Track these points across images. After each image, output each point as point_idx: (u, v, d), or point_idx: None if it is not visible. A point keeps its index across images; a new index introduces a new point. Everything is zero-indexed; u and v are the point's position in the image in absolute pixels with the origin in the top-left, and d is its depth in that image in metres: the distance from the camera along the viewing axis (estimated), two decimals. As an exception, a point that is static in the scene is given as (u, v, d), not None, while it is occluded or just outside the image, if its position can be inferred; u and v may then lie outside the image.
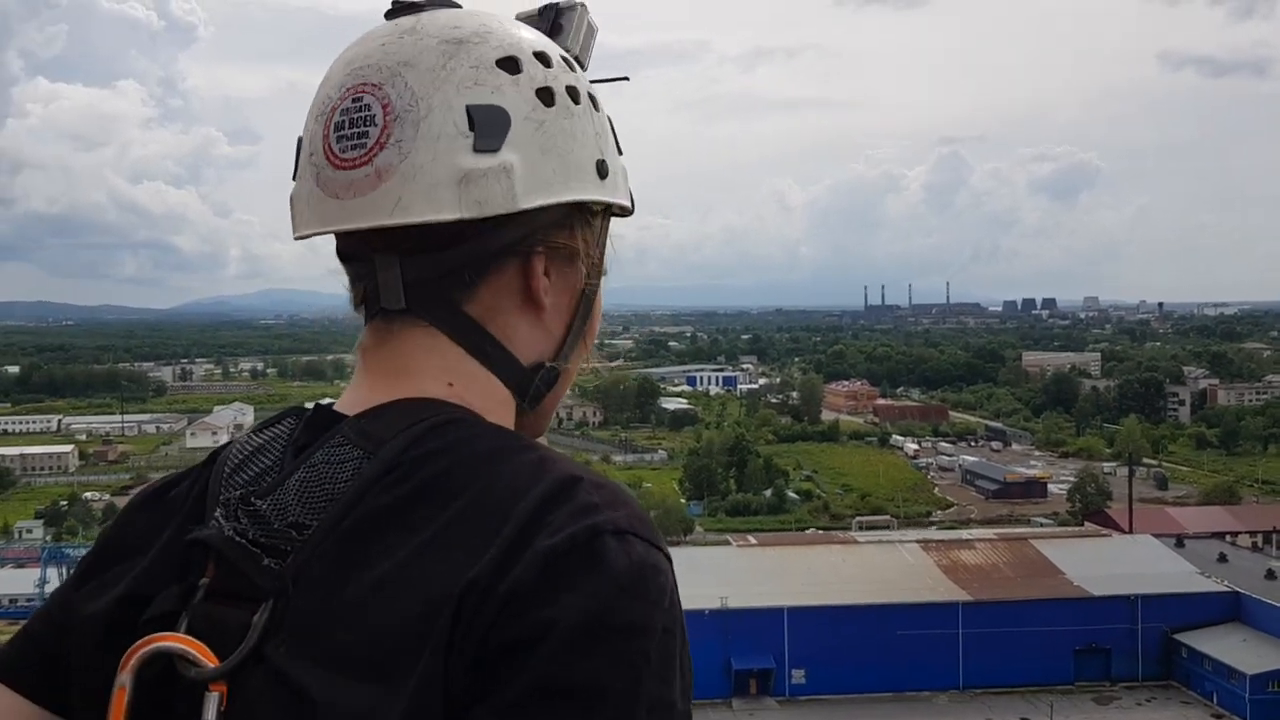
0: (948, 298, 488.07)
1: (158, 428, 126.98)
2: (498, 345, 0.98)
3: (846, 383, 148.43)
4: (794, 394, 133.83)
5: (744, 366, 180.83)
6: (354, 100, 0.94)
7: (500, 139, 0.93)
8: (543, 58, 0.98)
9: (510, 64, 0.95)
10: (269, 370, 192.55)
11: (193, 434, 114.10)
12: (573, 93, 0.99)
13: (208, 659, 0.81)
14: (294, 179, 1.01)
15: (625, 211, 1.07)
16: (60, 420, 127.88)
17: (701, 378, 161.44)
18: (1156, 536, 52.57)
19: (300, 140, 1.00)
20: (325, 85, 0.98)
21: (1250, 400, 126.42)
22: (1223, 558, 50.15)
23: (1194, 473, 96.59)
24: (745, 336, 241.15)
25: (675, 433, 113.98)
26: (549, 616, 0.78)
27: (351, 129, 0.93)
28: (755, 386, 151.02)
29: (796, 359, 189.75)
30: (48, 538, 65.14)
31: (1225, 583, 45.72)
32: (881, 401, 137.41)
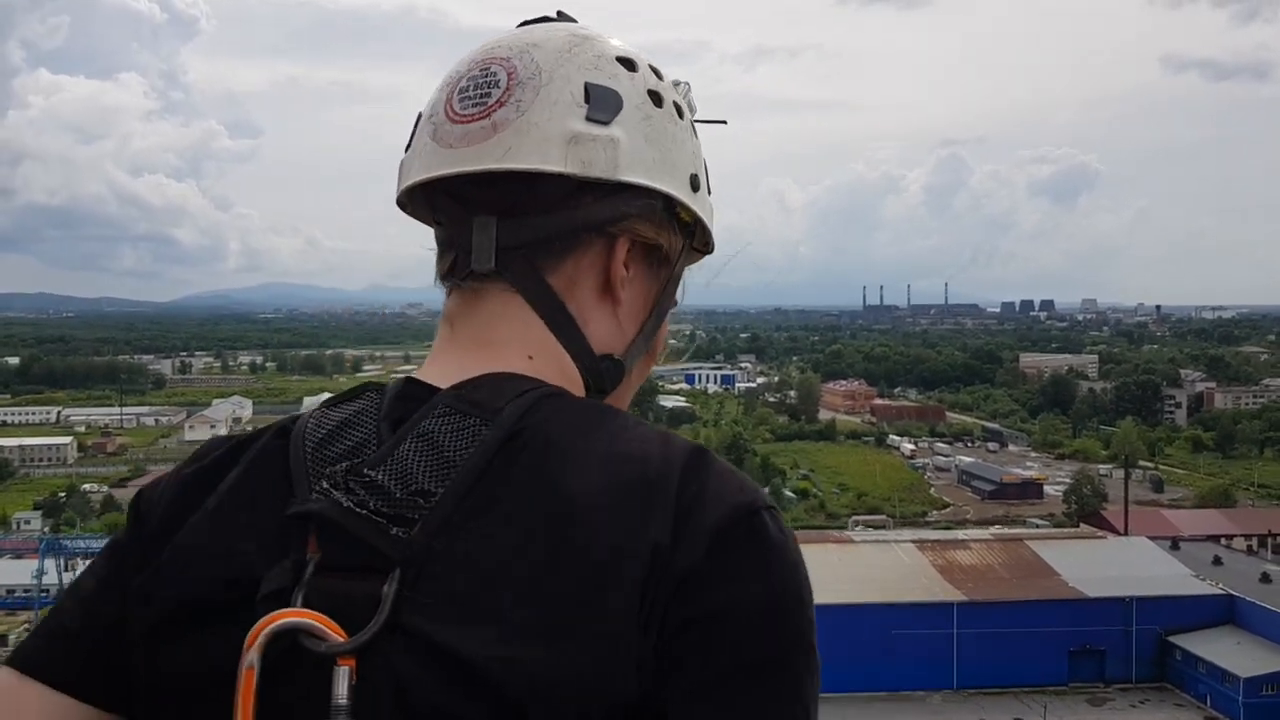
0: (946, 299, 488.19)
1: (156, 420, 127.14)
2: (573, 323, 1.00)
3: (844, 382, 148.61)
4: (792, 393, 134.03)
5: (742, 365, 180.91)
6: (481, 70, 1.01)
7: (611, 116, 0.99)
8: (656, 71, 1.06)
9: (627, 63, 1.03)
10: (268, 364, 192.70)
11: (191, 427, 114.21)
12: (678, 108, 1.07)
13: (335, 633, 0.79)
14: (406, 150, 1.06)
15: (707, 247, 1.13)
16: (59, 412, 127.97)
17: (700, 376, 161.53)
18: (1152, 539, 52.70)
19: (419, 115, 1.06)
20: (455, 66, 1.05)
21: (1247, 404, 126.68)
22: (1218, 561, 50.33)
23: (1190, 475, 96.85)
24: (744, 335, 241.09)
25: (673, 430, 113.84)
26: (732, 595, 0.82)
27: (475, 90, 1.00)
28: (753, 385, 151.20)
29: (794, 358, 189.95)
30: (45, 529, 65.18)
31: (1220, 586, 45.81)
32: (879, 401, 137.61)
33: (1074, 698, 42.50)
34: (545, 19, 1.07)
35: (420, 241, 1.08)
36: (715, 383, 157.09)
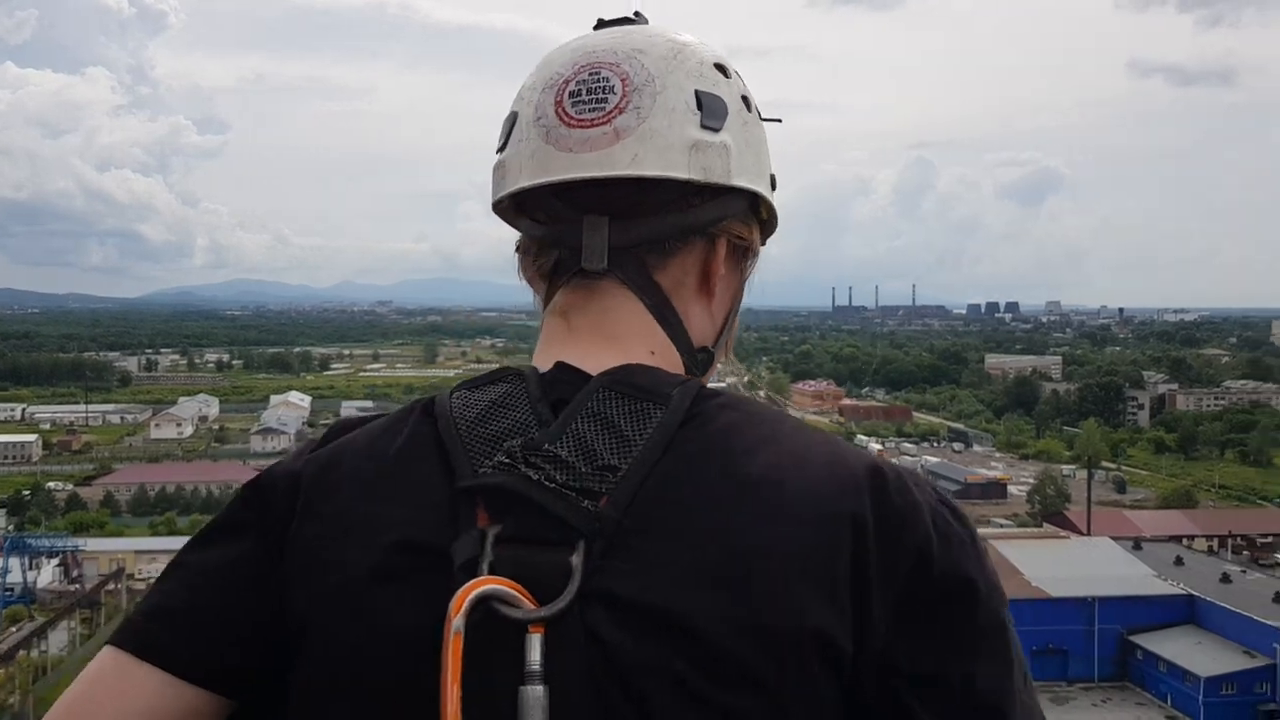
0: (914, 300, 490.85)
1: (122, 418, 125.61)
2: (680, 320, 1.05)
3: (813, 382, 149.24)
4: (761, 393, 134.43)
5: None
6: (591, 74, 1.03)
7: (721, 122, 1.04)
8: (741, 78, 1.11)
9: (722, 69, 1.07)
10: (235, 362, 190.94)
11: (157, 425, 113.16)
12: (759, 113, 1.12)
13: (529, 601, 0.82)
14: (500, 151, 1.09)
15: (769, 231, 1.17)
16: (24, 409, 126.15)
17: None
18: (1114, 539, 53.29)
19: (513, 116, 1.08)
20: (548, 66, 1.07)
21: (1209, 406, 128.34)
22: (1179, 561, 50.81)
23: (1152, 477, 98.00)
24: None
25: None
26: (970, 575, 0.90)
27: (590, 95, 1.02)
28: (723, 385, 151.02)
29: (765, 358, 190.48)
30: (10, 527, 64.21)
31: (1181, 586, 46.24)
32: (847, 401, 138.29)
33: (1037, 696, 42.87)
34: (626, 20, 1.11)
35: (389, 238, 1.24)
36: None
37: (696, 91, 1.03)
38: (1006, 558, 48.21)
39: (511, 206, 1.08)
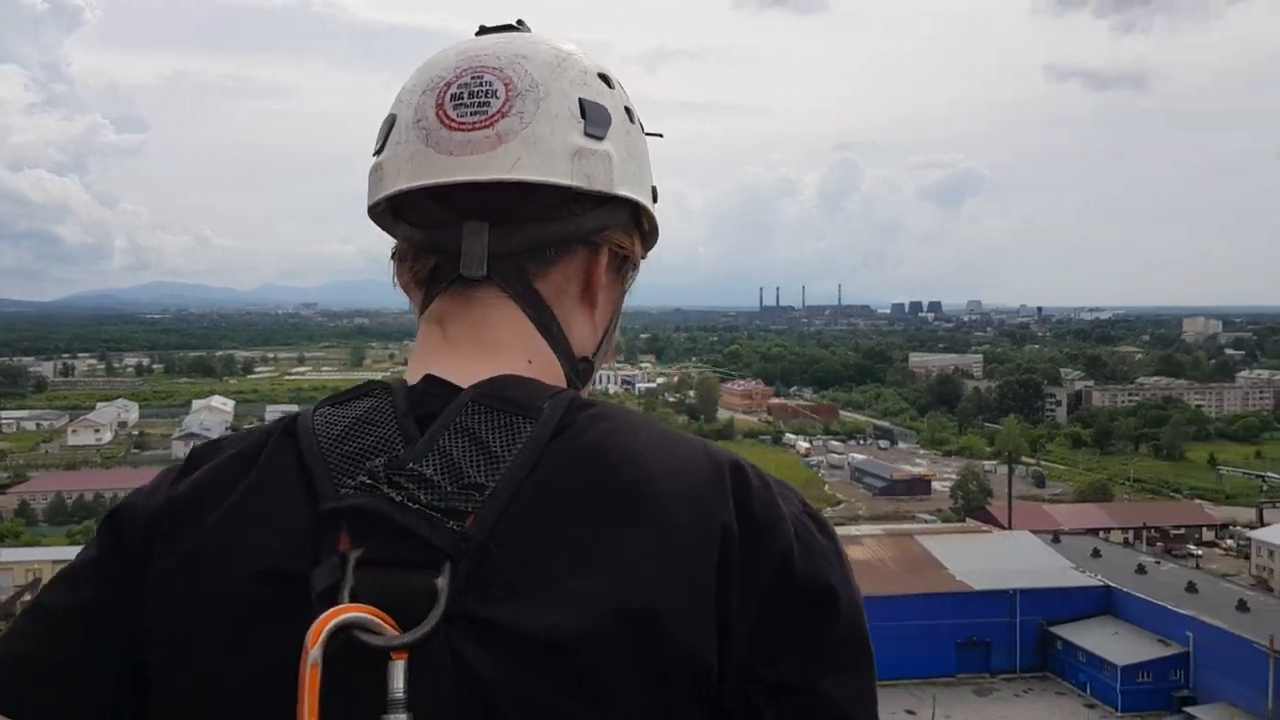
0: (839, 300, 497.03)
1: (38, 424, 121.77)
2: (560, 328, 1.04)
3: (742, 382, 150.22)
4: (691, 393, 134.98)
5: (642, 365, 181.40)
6: (474, 77, 1.02)
7: (604, 131, 1.03)
8: (624, 89, 1.11)
9: (606, 79, 1.07)
10: (155, 366, 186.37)
11: (74, 431, 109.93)
12: (641, 125, 1.12)
13: (392, 627, 0.79)
14: (377, 154, 1.06)
15: (650, 243, 1.17)
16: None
17: (600, 377, 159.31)
18: (1034, 532, 54.34)
19: (391, 118, 1.05)
20: (430, 69, 1.05)
21: (1123, 401, 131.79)
22: (1096, 553, 51.95)
23: (1070, 471, 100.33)
24: (644, 336, 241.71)
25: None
26: (832, 584, 0.90)
27: (472, 99, 1.00)
28: (653, 385, 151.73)
29: (694, 358, 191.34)
30: (-84, 538, 61.93)
31: (1098, 577, 47.29)
32: (775, 401, 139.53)
33: (961, 689, 43.50)
34: (508, 27, 1.09)
35: (315, 240, 1.33)
36: (616, 384, 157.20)
37: (580, 99, 1.02)
38: (931, 552, 49.09)
39: (389, 211, 1.06)
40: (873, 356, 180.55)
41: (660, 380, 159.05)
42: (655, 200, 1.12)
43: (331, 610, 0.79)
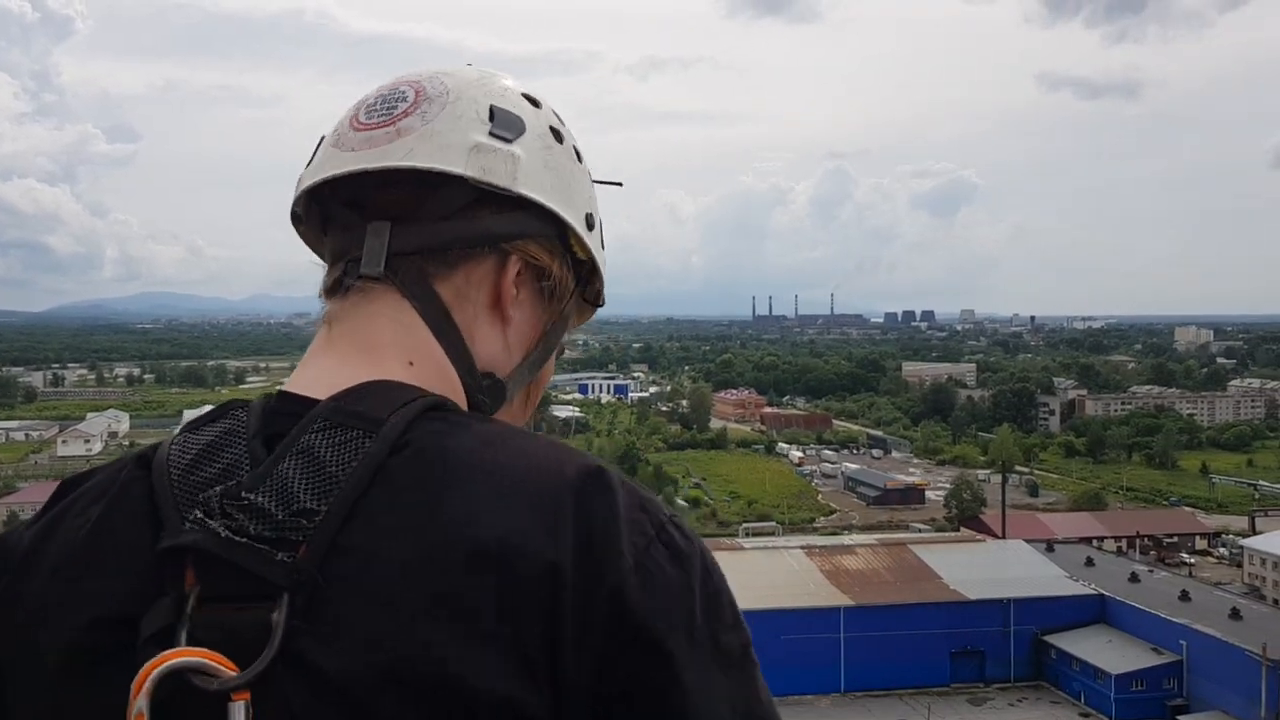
0: (832, 309, 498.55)
1: (27, 435, 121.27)
2: (459, 333, 0.99)
3: (735, 391, 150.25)
4: (684, 402, 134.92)
5: (635, 375, 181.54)
6: (390, 89, 1.05)
7: (514, 135, 1.02)
8: (558, 116, 1.11)
9: (534, 101, 1.08)
10: (146, 376, 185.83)
11: (64, 441, 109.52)
12: (577, 153, 1.11)
13: (227, 667, 0.76)
14: (307, 167, 1.07)
15: (597, 299, 1.16)
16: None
17: (593, 385, 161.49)
18: (1028, 541, 54.30)
19: (320, 139, 1.07)
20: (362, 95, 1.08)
21: (1116, 410, 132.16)
22: (1090, 562, 51.97)
23: (1063, 480, 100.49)
24: (636, 345, 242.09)
25: (566, 440, 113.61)
26: (673, 625, 0.81)
27: (381, 105, 1.03)
28: (646, 395, 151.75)
29: (686, 367, 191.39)
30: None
31: (1092, 586, 47.28)
32: (768, 410, 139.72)
33: (955, 698, 43.45)
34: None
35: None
36: (608, 392, 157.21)
37: (492, 105, 1.03)
38: (925, 561, 49.11)
39: (319, 226, 1.06)
40: (866, 365, 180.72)
41: (653, 389, 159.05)
42: (592, 229, 1.09)
43: (158, 656, 0.76)
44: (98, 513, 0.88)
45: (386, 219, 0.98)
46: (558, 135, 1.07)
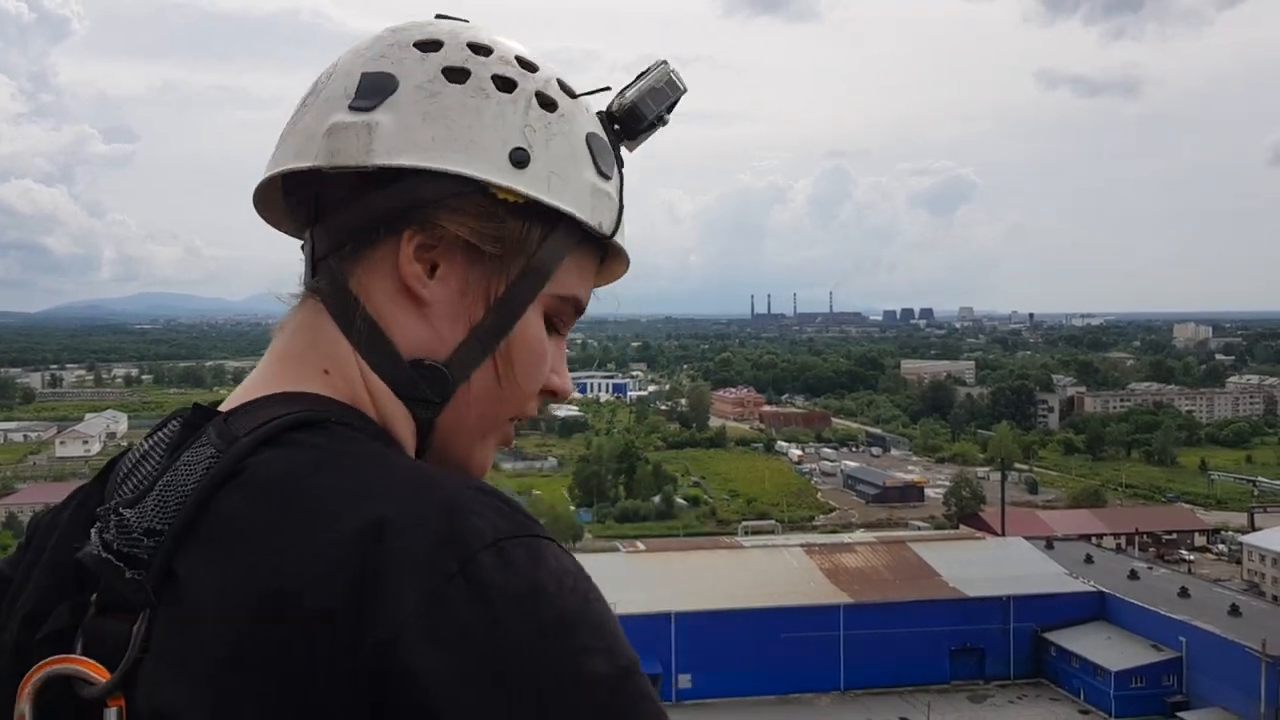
0: (831, 307, 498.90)
1: (25, 436, 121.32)
2: (375, 328, 0.93)
3: (733, 390, 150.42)
4: (683, 401, 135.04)
5: (634, 374, 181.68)
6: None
7: (377, 101, 0.92)
8: (480, 49, 0.97)
9: (430, 45, 0.95)
10: (144, 376, 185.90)
11: (62, 442, 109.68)
12: (503, 82, 0.95)
13: (101, 676, 0.77)
14: None
15: (600, 231, 0.99)
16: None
17: (592, 384, 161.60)
18: (1027, 539, 54.34)
19: None
20: None
21: (1115, 407, 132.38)
22: (1089, 559, 52.03)
23: (1062, 477, 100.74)
24: (635, 344, 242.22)
25: (565, 440, 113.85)
26: (453, 664, 0.72)
27: (300, 102, 0.99)
28: (645, 394, 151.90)
29: (685, 366, 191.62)
30: (-100, 553, 61.55)
31: (1091, 583, 47.36)
32: (767, 408, 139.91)
33: (955, 695, 43.54)
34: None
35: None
36: (607, 391, 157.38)
37: (363, 73, 0.94)
38: (924, 559, 49.19)
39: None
40: (865, 363, 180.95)
41: (652, 388, 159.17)
42: (524, 166, 0.93)
43: (45, 661, 0.79)
44: (64, 519, 0.92)
45: (313, 224, 0.97)
46: (456, 75, 0.94)
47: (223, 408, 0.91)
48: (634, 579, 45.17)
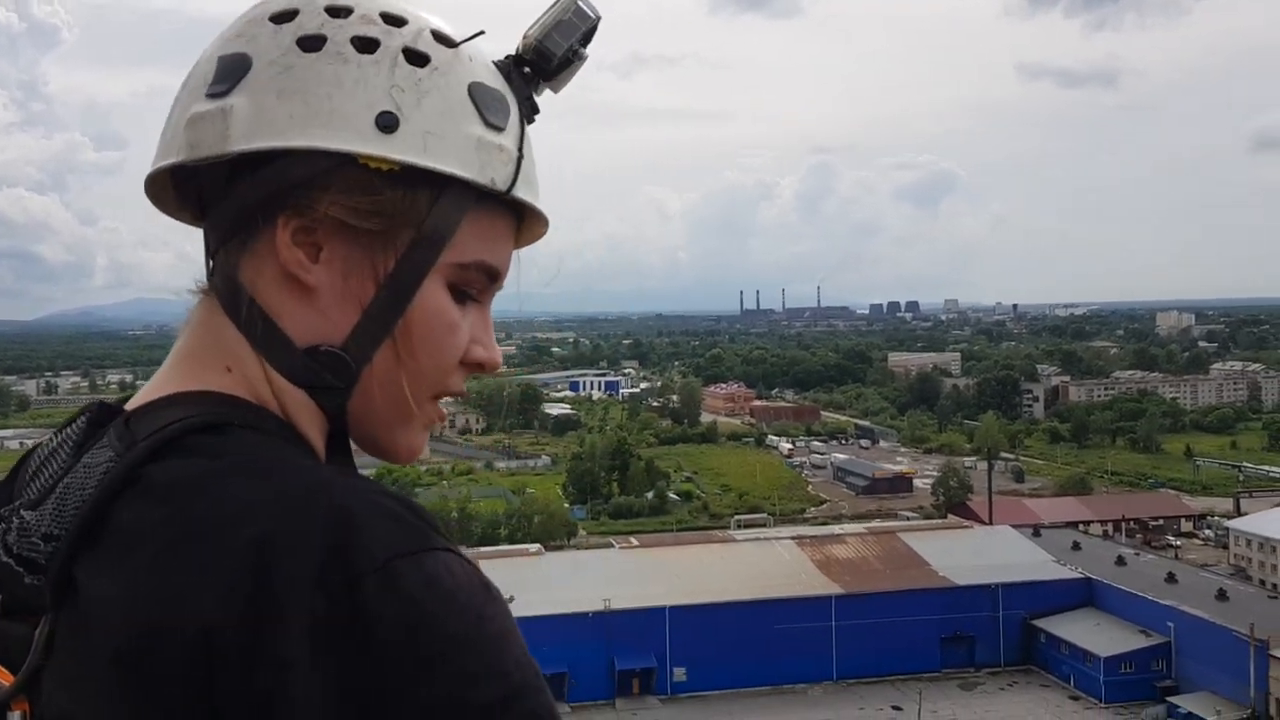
0: (819, 302, 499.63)
1: (21, 444, 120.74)
2: (266, 320, 0.89)
3: (724, 385, 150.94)
4: (674, 397, 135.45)
5: (625, 371, 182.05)
6: None
7: (231, 84, 0.88)
8: (338, 10, 0.91)
9: (284, 16, 0.91)
10: (139, 382, 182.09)
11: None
12: (363, 43, 0.89)
13: (4, 679, 0.77)
14: None
15: (494, 188, 0.91)
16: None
17: (584, 383, 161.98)
18: (1015, 527, 55.15)
19: None
20: None
21: (1099, 396, 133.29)
22: (1076, 546, 52.78)
23: (1048, 465, 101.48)
24: (626, 341, 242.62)
25: (558, 438, 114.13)
26: (322, 697, 0.70)
27: None
28: (636, 390, 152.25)
29: (676, 363, 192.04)
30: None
31: (1079, 570, 48.07)
32: (757, 403, 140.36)
33: (947, 683, 44.14)
34: None
35: None
36: (600, 389, 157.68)
37: (219, 58, 0.90)
38: (914, 549, 49.76)
39: None
40: (852, 357, 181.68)
41: (644, 385, 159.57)
42: (393, 129, 0.87)
43: None
44: None
45: (204, 218, 0.94)
46: (311, 43, 0.89)
47: (129, 406, 0.89)
48: (628, 575, 45.64)
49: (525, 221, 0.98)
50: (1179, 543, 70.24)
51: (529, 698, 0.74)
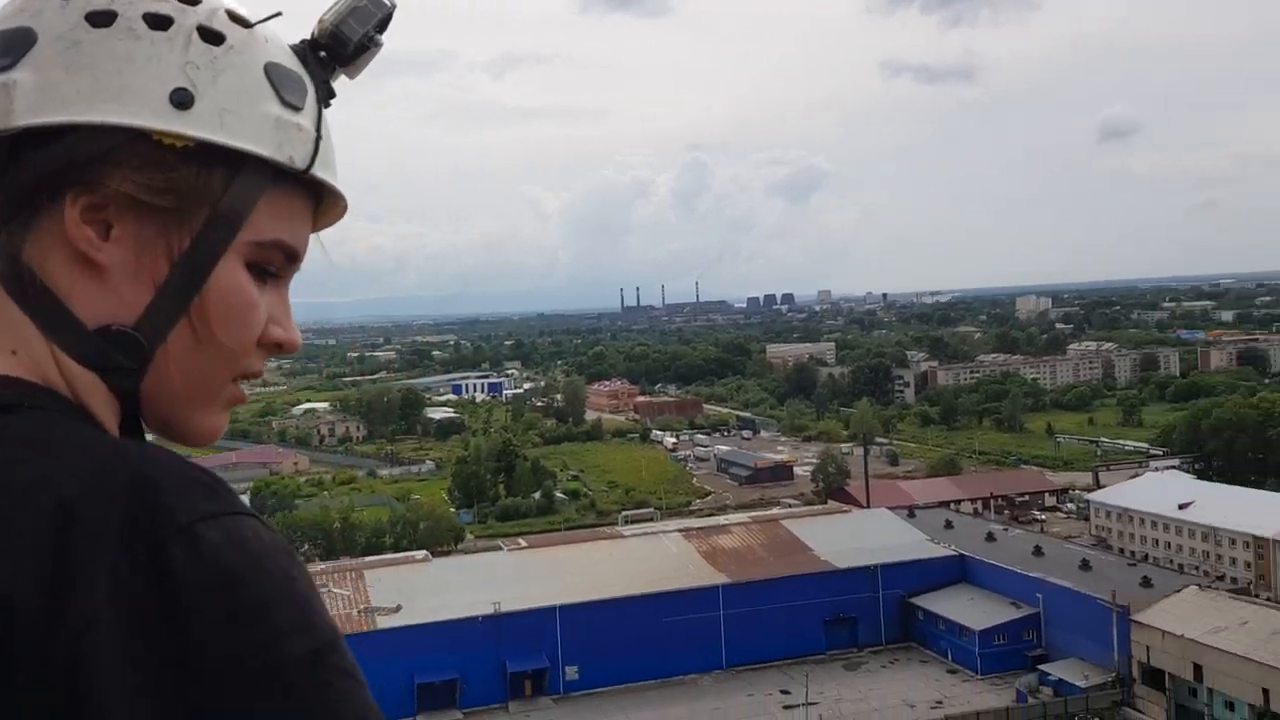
0: (697, 297, 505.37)
1: None
2: (52, 300, 0.87)
3: (607, 383, 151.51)
4: (558, 396, 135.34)
5: (508, 372, 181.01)
6: None
7: (14, 58, 0.87)
8: None
9: None
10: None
11: None
12: (156, 20, 0.89)
13: None
14: None
15: (291, 166, 0.91)
16: None
17: (466, 385, 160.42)
18: (891, 509, 56.80)
19: None
20: None
21: (965, 379, 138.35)
22: (949, 524, 54.53)
23: (920, 448, 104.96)
24: (508, 342, 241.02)
25: (442, 442, 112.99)
26: (129, 658, 0.70)
27: None
28: (520, 391, 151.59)
29: (559, 362, 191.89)
30: None
31: (952, 547, 49.78)
32: (641, 399, 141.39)
33: (832, 665, 45.22)
34: None
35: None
36: (483, 391, 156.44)
37: (3, 33, 0.88)
38: (796, 535, 50.90)
39: None
40: (732, 350, 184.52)
41: (527, 386, 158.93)
42: (188, 106, 0.87)
43: None
44: None
45: None
46: (101, 19, 0.88)
47: None
48: (517, 576, 45.52)
49: (323, 203, 0.98)
50: (1044, 517, 73.59)
51: (340, 653, 0.75)
